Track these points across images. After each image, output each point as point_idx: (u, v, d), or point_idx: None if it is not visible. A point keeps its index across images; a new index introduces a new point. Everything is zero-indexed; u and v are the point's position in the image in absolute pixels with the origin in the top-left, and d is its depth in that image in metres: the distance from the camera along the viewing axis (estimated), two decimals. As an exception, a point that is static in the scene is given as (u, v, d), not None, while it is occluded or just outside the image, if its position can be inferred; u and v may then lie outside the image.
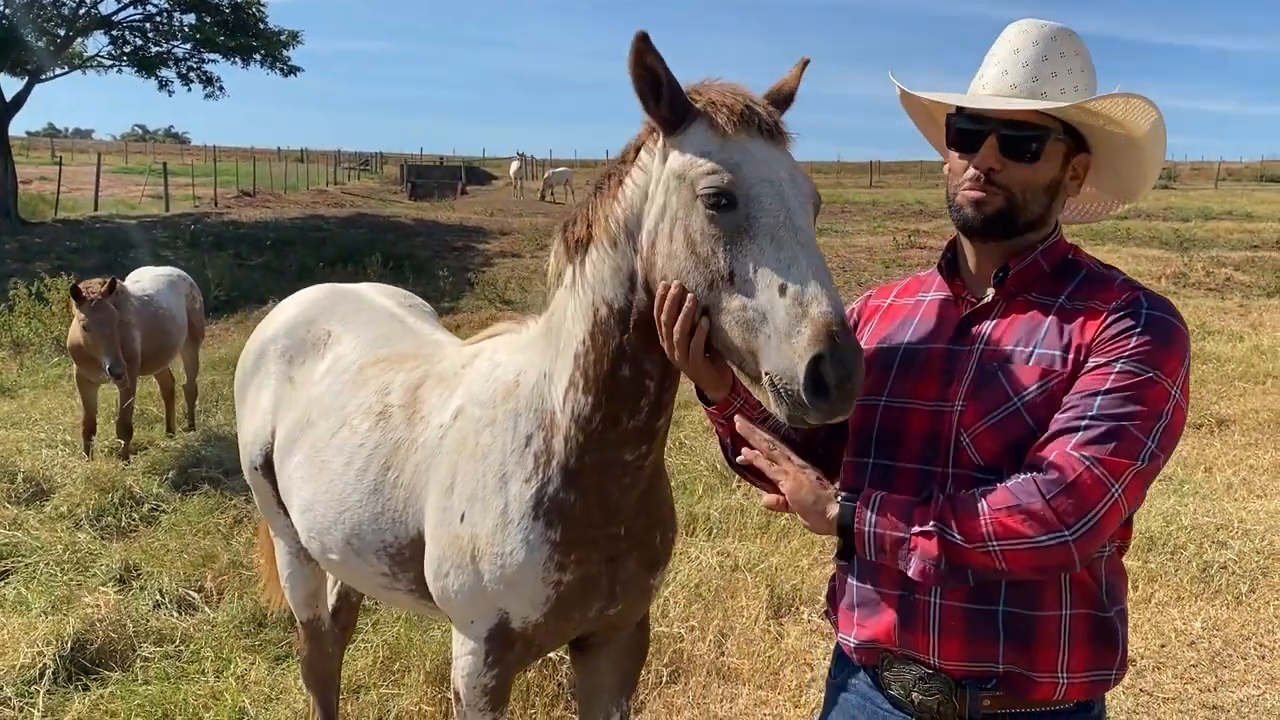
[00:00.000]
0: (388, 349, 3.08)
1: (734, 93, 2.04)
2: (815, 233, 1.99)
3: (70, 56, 27.94)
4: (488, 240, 24.65)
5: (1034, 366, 1.90)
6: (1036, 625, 1.89)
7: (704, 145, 1.99)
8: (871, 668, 2.07)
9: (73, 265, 17.23)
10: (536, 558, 2.39)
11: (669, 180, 2.03)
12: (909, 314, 2.16)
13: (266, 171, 41.23)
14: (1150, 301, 1.89)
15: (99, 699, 4.16)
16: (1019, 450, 1.86)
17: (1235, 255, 21.54)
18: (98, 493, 6.72)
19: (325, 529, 2.91)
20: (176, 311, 8.48)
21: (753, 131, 2.00)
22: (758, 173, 1.94)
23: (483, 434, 2.50)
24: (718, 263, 1.91)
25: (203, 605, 5.24)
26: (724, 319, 1.91)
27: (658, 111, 2.02)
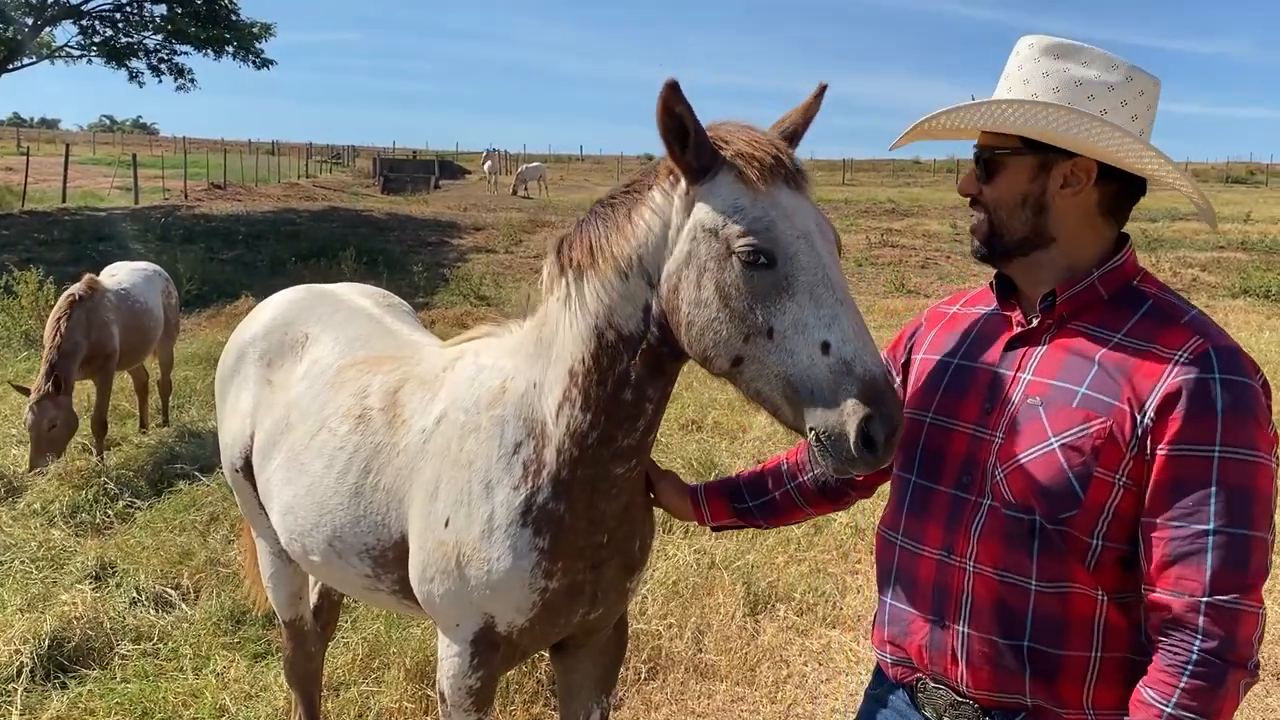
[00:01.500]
0: (365, 351, 3.08)
1: (760, 142, 2.03)
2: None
3: (39, 46, 27.60)
4: (461, 235, 24.59)
5: (1079, 409, 1.82)
6: (1062, 663, 1.85)
7: (734, 199, 1.98)
8: (908, 686, 2.07)
9: (41, 258, 17.02)
10: (524, 565, 2.41)
11: (696, 230, 2.02)
12: (967, 327, 2.14)
13: (237, 164, 40.88)
14: (1220, 358, 1.75)
15: (77, 697, 4.15)
16: (1049, 494, 1.82)
17: (1201, 256, 21.86)
18: (72, 489, 6.65)
19: (306, 531, 2.91)
20: (153, 306, 8.41)
21: (779, 182, 2.00)
22: (792, 228, 1.94)
23: (467, 440, 2.50)
24: (755, 319, 1.92)
25: (180, 603, 5.21)
26: (760, 371, 1.93)
27: (684, 160, 2.01)
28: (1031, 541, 1.85)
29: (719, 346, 1.99)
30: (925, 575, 1.99)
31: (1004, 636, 1.88)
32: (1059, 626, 1.85)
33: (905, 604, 2.03)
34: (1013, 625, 1.87)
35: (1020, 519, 1.86)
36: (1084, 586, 1.85)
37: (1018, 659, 1.87)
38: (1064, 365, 1.88)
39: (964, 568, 1.92)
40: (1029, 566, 1.85)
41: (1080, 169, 1.90)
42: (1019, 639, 1.87)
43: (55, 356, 7.21)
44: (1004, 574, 1.87)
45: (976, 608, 1.90)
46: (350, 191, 40.14)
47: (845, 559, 5.96)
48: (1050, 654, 1.86)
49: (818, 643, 4.99)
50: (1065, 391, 1.85)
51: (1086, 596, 1.85)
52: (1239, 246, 23.78)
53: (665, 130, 1.98)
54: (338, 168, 58.27)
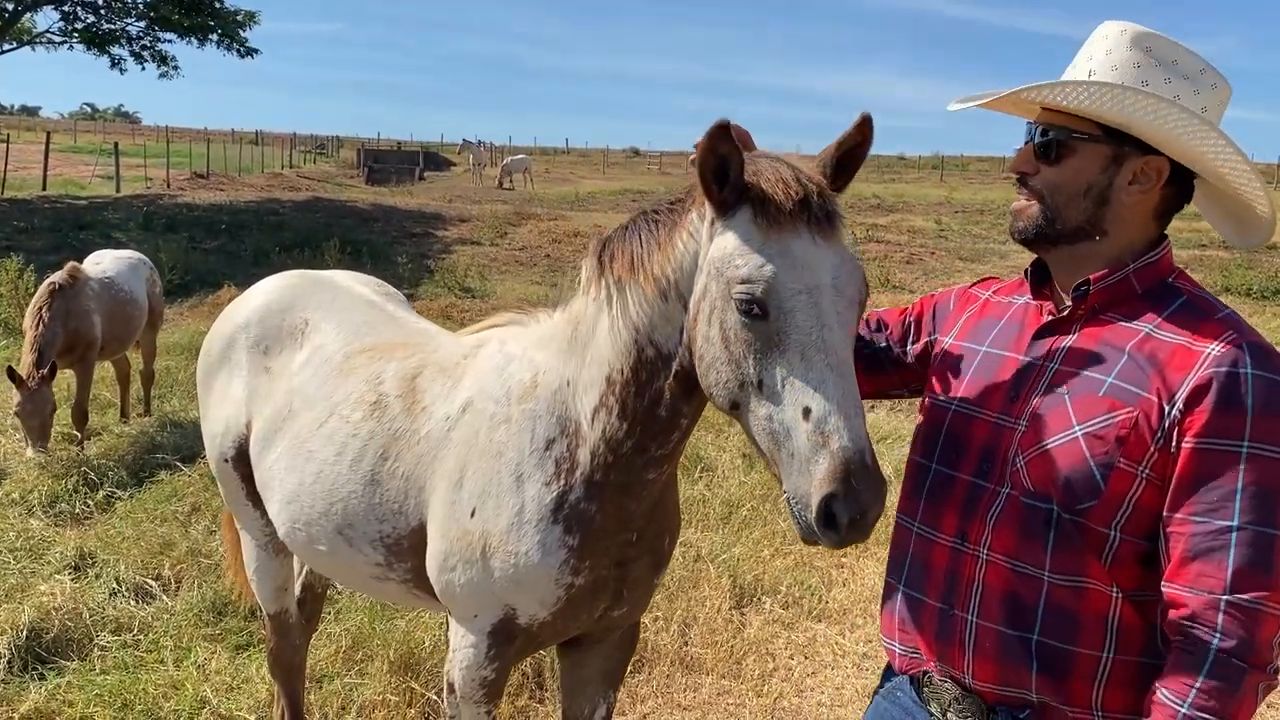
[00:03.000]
0: (373, 337, 3.04)
1: (788, 180, 1.94)
2: (853, 337, 1.94)
3: (19, 32, 27.30)
4: (446, 227, 24.48)
5: (1104, 398, 1.80)
6: (1072, 660, 1.82)
7: (744, 240, 1.92)
8: (914, 678, 2.06)
9: (21, 246, 16.85)
10: (552, 560, 2.40)
11: (711, 265, 1.99)
12: (998, 315, 2.12)
13: (220, 154, 40.60)
14: (1253, 354, 1.71)
15: (56, 688, 4.10)
16: (1068, 484, 1.79)
17: (1183, 254, 21.96)
18: (51, 479, 6.59)
19: (313, 520, 2.87)
20: (137, 295, 8.32)
21: (799, 226, 1.92)
22: (795, 281, 1.87)
23: (497, 430, 2.48)
24: (747, 368, 1.89)
25: (161, 594, 5.16)
26: (752, 420, 1.91)
27: (719, 196, 1.96)
28: (1047, 532, 1.82)
29: (719, 387, 1.98)
30: (939, 562, 1.98)
31: (1012, 628, 1.86)
32: (1071, 622, 1.82)
33: (918, 592, 2.02)
34: (1022, 616, 1.85)
35: (1037, 508, 1.83)
36: (1099, 582, 1.81)
37: (1025, 652, 1.84)
38: (1093, 355, 1.86)
39: (977, 555, 1.91)
40: (1043, 557, 1.83)
41: (1152, 168, 1.85)
42: (1028, 631, 1.84)
43: (40, 344, 7.19)
44: (1017, 563, 1.85)
45: (987, 596, 1.89)
46: (334, 182, 39.93)
47: (831, 553, 5.95)
48: (1059, 649, 1.82)
49: (803, 636, 4.99)
50: (1092, 381, 1.83)
51: (1101, 593, 1.81)
52: (1220, 244, 23.91)
53: (705, 169, 1.93)
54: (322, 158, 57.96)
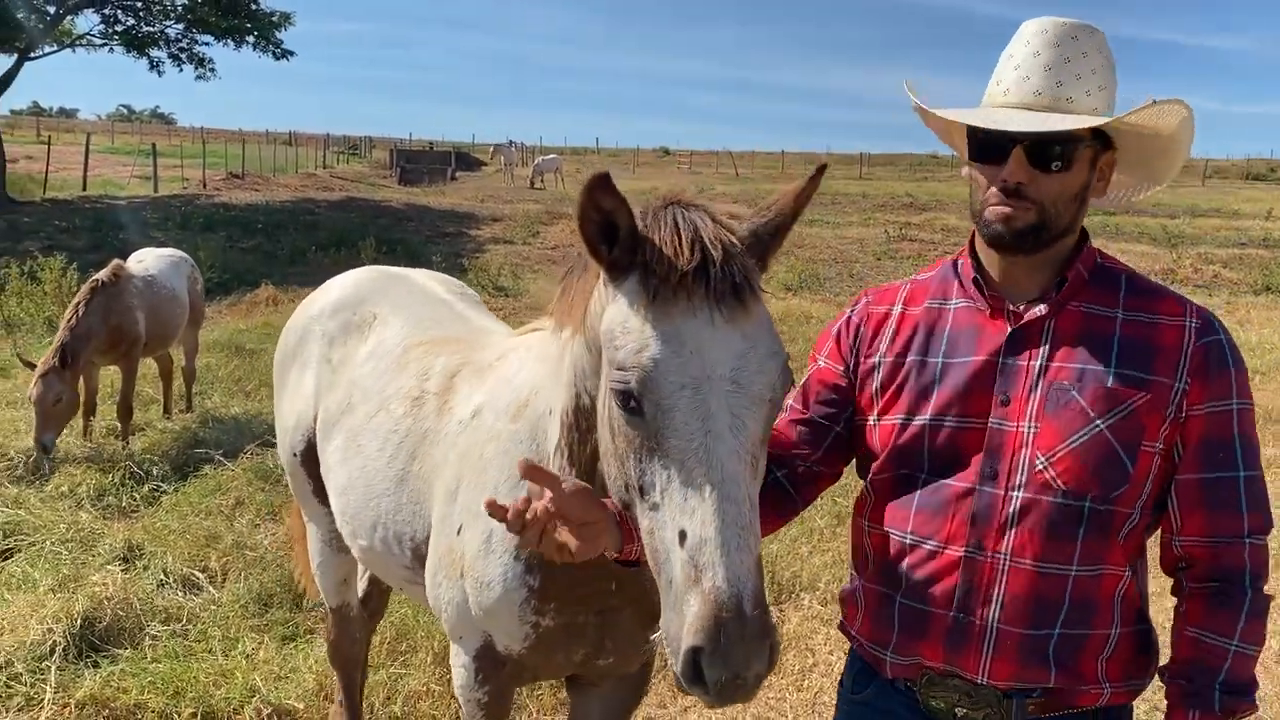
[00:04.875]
0: (437, 331, 2.99)
1: (684, 237, 1.67)
2: (756, 444, 1.65)
3: (60, 34, 27.74)
4: (479, 226, 24.63)
5: (1114, 387, 1.84)
6: (1087, 643, 1.89)
7: (626, 314, 1.67)
8: (906, 682, 2.02)
9: (63, 245, 17.15)
10: (514, 597, 2.26)
11: (600, 325, 1.76)
12: (932, 324, 2.04)
13: (254, 154, 41.02)
14: (1216, 321, 1.91)
15: (110, 676, 4.18)
16: (1101, 475, 1.84)
17: (1223, 253, 21.71)
18: (98, 473, 6.74)
19: (356, 513, 2.87)
20: (180, 292, 8.47)
21: (695, 300, 1.63)
22: (679, 372, 1.59)
23: (488, 446, 2.36)
24: (629, 468, 1.67)
25: (207, 585, 5.25)
26: (641, 531, 1.68)
27: (608, 258, 1.72)
28: (1078, 527, 1.84)
29: (610, 482, 1.77)
30: (946, 572, 1.91)
31: (1036, 628, 1.86)
32: (1090, 609, 1.88)
33: (921, 603, 1.94)
34: (1047, 615, 1.86)
35: (1070, 505, 1.84)
36: (1115, 565, 1.89)
37: (1047, 647, 1.87)
38: (1083, 348, 1.89)
39: (997, 562, 1.87)
40: (1072, 552, 1.85)
41: (1108, 163, 1.96)
42: (1051, 628, 1.86)
43: (67, 336, 7.24)
44: (1044, 564, 1.85)
45: (1010, 602, 1.86)
46: (367, 182, 40.23)
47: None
48: (1078, 636, 1.88)
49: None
50: (1096, 373, 1.86)
51: (1115, 575, 1.90)
52: (1261, 244, 23.61)
53: (589, 226, 1.69)
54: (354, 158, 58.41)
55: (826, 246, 21.84)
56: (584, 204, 1.66)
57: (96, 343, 7.46)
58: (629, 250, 1.69)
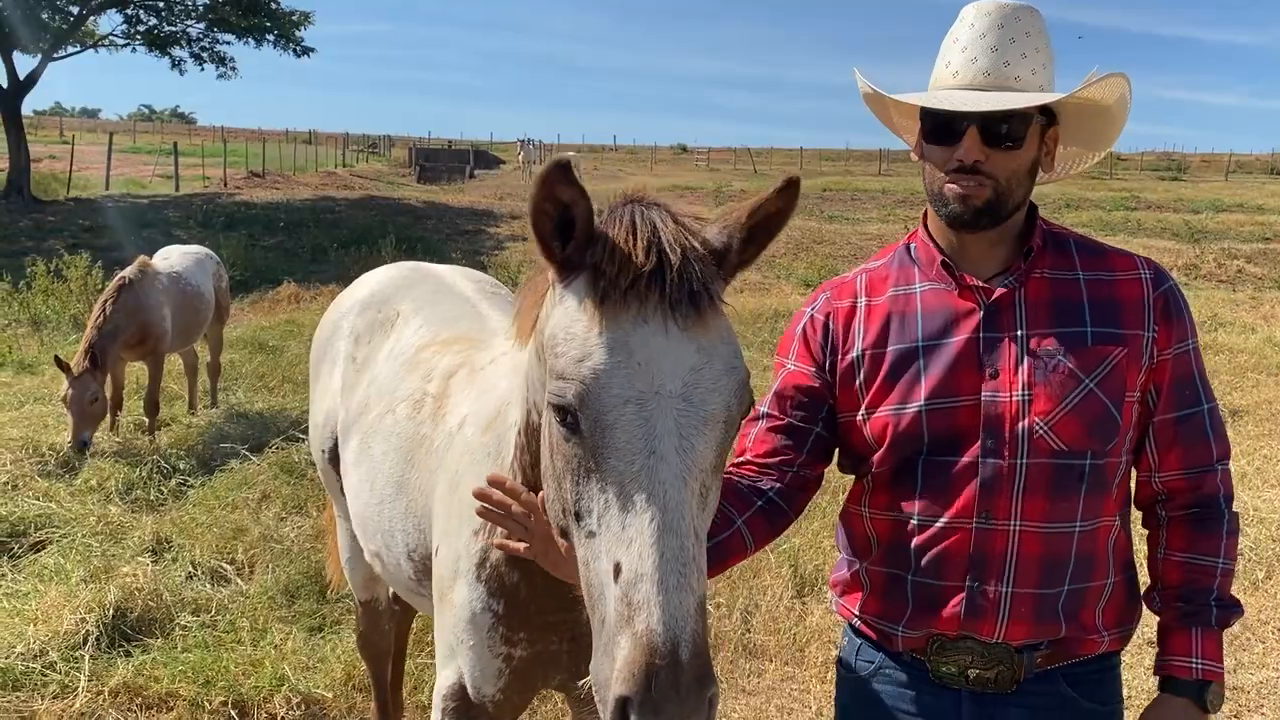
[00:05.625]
0: (450, 331, 2.89)
1: (641, 236, 1.51)
2: (706, 470, 1.49)
3: (84, 35, 27.99)
4: (498, 224, 24.70)
5: (1095, 346, 1.93)
6: (1087, 595, 1.98)
7: (571, 317, 1.52)
8: (913, 653, 2.05)
9: (87, 243, 17.29)
10: (481, 622, 2.11)
11: (544, 326, 1.63)
12: (902, 311, 2.05)
13: (275, 153, 41.24)
14: (1163, 270, 2.04)
15: (142, 665, 4.25)
16: (1097, 431, 1.92)
17: (1246, 248, 21.53)
18: (126, 467, 6.82)
19: (365, 518, 2.78)
20: (204, 289, 8.55)
21: (645, 307, 1.47)
22: (623, 387, 1.43)
23: (463, 459, 2.22)
24: (566, 490, 1.52)
25: (235, 577, 5.32)
26: (578, 560, 1.53)
27: (560, 255, 1.57)
28: (1080, 485, 1.93)
29: (549, 504, 1.63)
30: (957, 546, 1.95)
31: (1048, 587, 1.94)
32: (1090, 562, 1.97)
33: (934, 578, 1.98)
34: (1056, 574, 1.94)
35: (1071, 465, 1.92)
36: (1108, 516, 1.99)
37: (1057, 604, 1.95)
38: (1056, 313, 1.96)
39: (1008, 529, 1.92)
40: (1075, 510, 1.93)
41: (1053, 137, 2.03)
42: (1060, 586, 1.94)
43: (95, 336, 7.34)
44: (1050, 525, 1.92)
45: (1022, 566, 1.93)
46: (386, 181, 40.41)
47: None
48: (1082, 589, 1.97)
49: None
50: (1075, 335, 1.94)
51: (1108, 525, 2.00)
52: (1285, 238, 23.38)
53: (540, 220, 1.53)
54: (374, 157, 58.68)
55: (846, 242, 21.79)
56: (538, 195, 1.50)
57: (124, 339, 7.54)
58: (581, 249, 1.54)
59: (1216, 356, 11.09)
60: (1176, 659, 1.96)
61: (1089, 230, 24.15)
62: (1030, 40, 1.95)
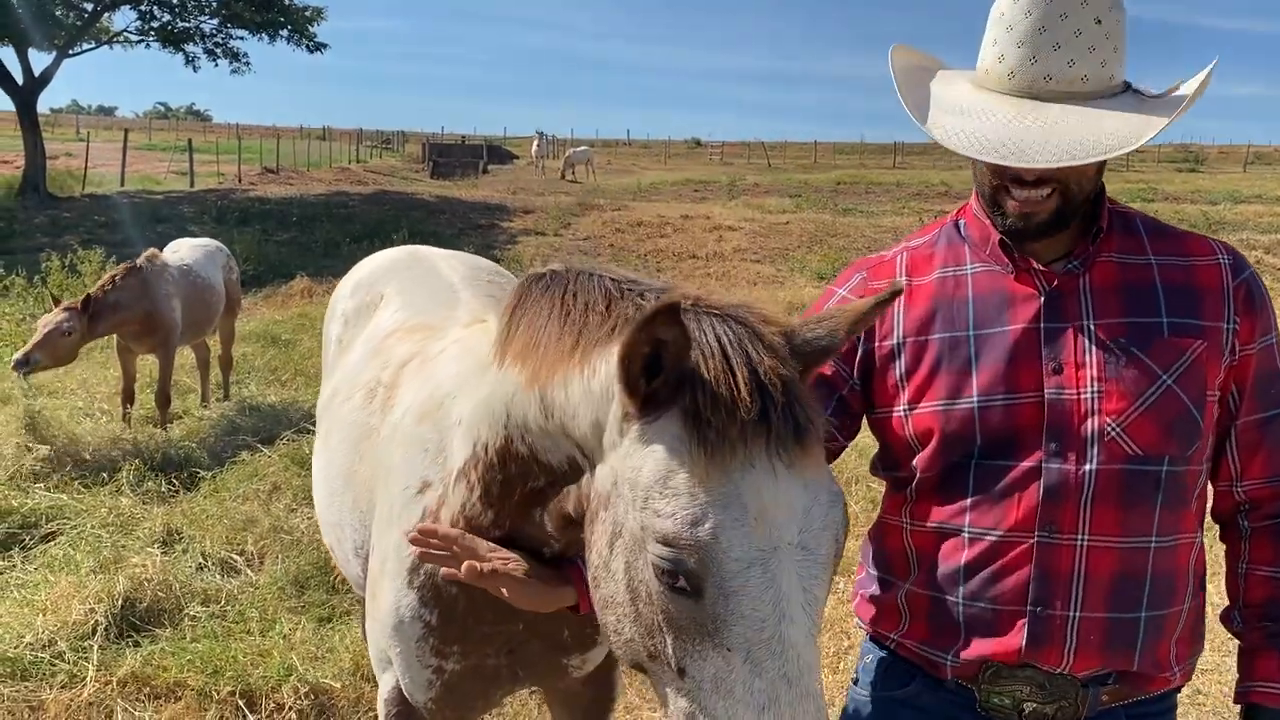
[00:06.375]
0: (418, 319, 2.76)
1: (739, 373, 1.37)
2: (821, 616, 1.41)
3: (98, 32, 28.09)
4: (511, 218, 24.67)
5: (1171, 338, 1.74)
6: (1166, 623, 1.79)
7: (670, 466, 1.36)
8: (959, 680, 1.85)
9: (102, 239, 17.37)
10: (410, 632, 2.01)
11: (619, 473, 1.46)
12: (951, 295, 1.85)
13: (289, 149, 41.34)
14: (1242, 256, 1.85)
15: (150, 655, 4.24)
16: (1177, 433, 1.73)
17: (1265, 238, 21.30)
18: (138, 459, 6.81)
19: (322, 510, 2.68)
20: (215, 281, 8.54)
21: (755, 451, 1.35)
22: (744, 546, 1.32)
23: (395, 451, 2.13)
24: (663, 645, 1.40)
25: (245, 568, 5.32)
26: (669, 706, 1.44)
27: (644, 391, 1.41)
28: (1155, 494, 1.74)
29: (619, 638, 1.50)
30: (1017, 563, 1.75)
31: (1122, 612, 1.74)
32: (1170, 584, 1.78)
33: (988, 602, 1.77)
34: (1130, 597, 1.74)
35: (1146, 471, 1.72)
36: (1188, 532, 1.81)
37: (1133, 633, 1.75)
38: (1127, 300, 1.77)
39: (1074, 544, 1.73)
40: (1150, 523, 1.74)
41: None
42: (1136, 611, 1.75)
43: (99, 294, 7.39)
44: (1125, 540, 1.73)
45: (1092, 587, 1.73)
46: (400, 176, 40.48)
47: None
48: (1160, 617, 1.77)
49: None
50: (1148, 326, 1.75)
51: (1188, 544, 1.81)
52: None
53: (633, 358, 1.38)
54: (387, 153, 58.77)
55: (860, 235, 21.66)
56: (639, 336, 1.34)
57: (125, 318, 7.52)
58: (671, 386, 1.40)
59: (1235, 347, 10.96)
60: (1265, 685, 1.80)
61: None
62: (1101, 27, 1.66)
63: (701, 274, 17.28)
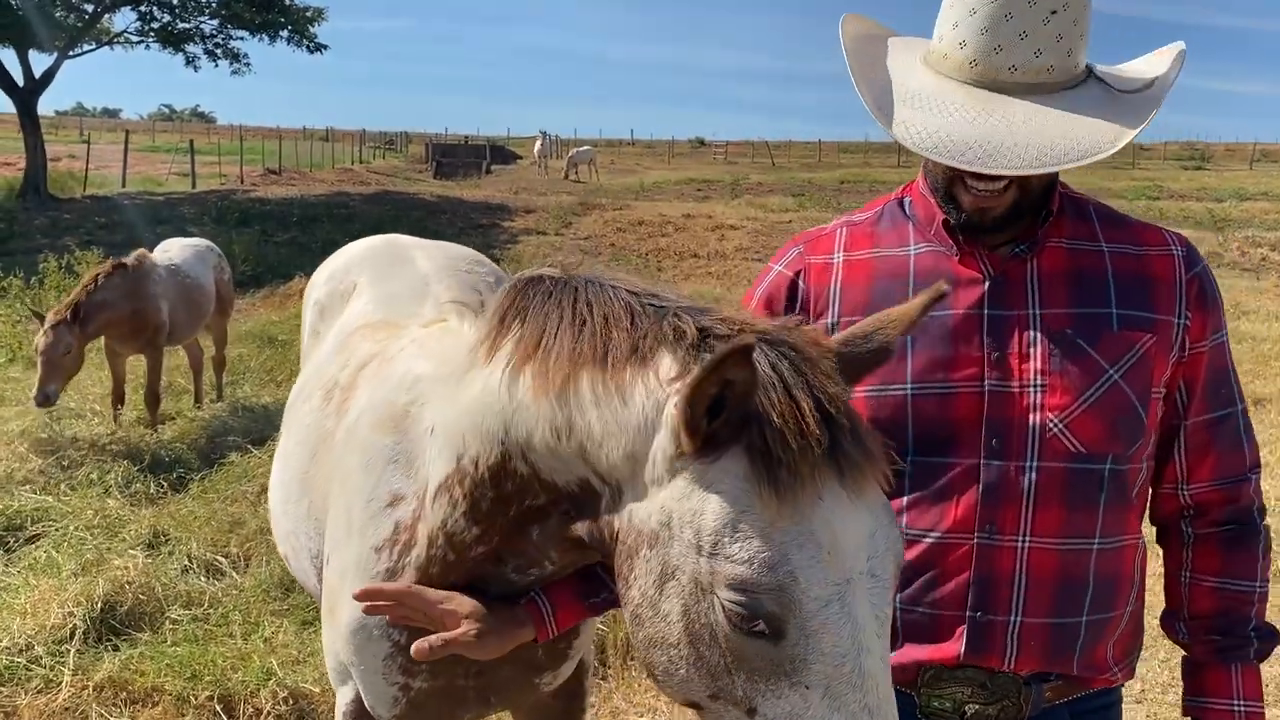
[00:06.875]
0: (383, 313, 2.64)
1: (804, 410, 1.31)
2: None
3: (98, 33, 28.10)
4: (512, 218, 24.64)
5: (1121, 331, 1.66)
6: (1108, 625, 1.73)
7: (738, 508, 1.30)
8: (900, 686, 1.76)
9: (101, 240, 17.38)
10: (376, 650, 1.92)
11: (671, 513, 1.37)
12: (891, 273, 1.76)
13: (292, 150, 41.36)
14: (1195, 248, 1.77)
15: (129, 659, 4.18)
16: (1121, 431, 1.65)
17: (1271, 235, 21.17)
18: (127, 460, 6.77)
19: (276, 516, 2.59)
20: (205, 281, 8.48)
21: (824, 484, 1.31)
22: (822, 583, 1.28)
23: (351, 458, 2.02)
24: (731, 686, 1.35)
25: (230, 570, 5.26)
26: None
27: (707, 431, 1.33)
28: (1099, 494, 1.66)
29: (671, 679, 1.42)
30: (957, 567, 1.68)
31: (1063, 616, 1.68)
32: (1112, 587, 1.72)
33: (926, 608, 1.70)
34: (1073, 600, 1.68)
35: (1090, 470, 1.65)
36: (1132, 533, 1.74)
37: (1074, 636, 1.69)
38: (1075, 288, 1.68)
39: (1016, 546, 1.65)
40: (1094, 524, 1.67)
41: None
42: (1078, 615, 1.69)
43: (83, 297, 7.29)
44: (1067, 541, 1.66)
45: (1034, 591, 1.67)
46: (403, 176, 40.46)
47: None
48: (1101, 620, 1.71)
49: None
50: (1097, 317, 1.66)
51: (1133, 545, 1.75)
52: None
53: (698, 400, 1.30)
54: (391, 153, 58.77)
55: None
56: (708, 377, 1.27)
57: (111, 317, 7.42)
58: (734, 425, 1.32)
59: (1239, 345, 10.87)
60: (1214, 701, 1.73)
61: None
62: (1069, 13, 1.57)
63: (703, 273, 17.23)
